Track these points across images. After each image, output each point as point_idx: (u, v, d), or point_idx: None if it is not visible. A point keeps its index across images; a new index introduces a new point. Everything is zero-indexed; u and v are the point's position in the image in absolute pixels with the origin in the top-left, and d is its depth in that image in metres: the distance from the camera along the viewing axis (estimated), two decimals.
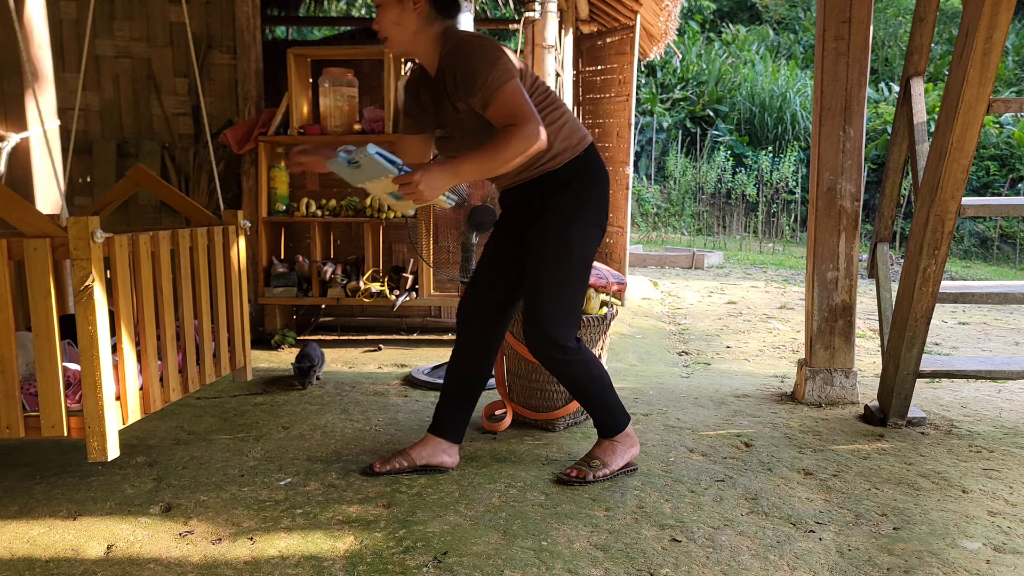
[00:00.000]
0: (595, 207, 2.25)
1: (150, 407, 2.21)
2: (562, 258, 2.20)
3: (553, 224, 2.20)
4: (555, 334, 2.20)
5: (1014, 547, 1.92)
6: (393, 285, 4.25)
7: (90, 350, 1.97)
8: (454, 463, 2.39)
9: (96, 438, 2.01)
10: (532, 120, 2.01)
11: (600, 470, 2.29)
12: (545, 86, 2.23)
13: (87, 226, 1.95)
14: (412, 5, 2.11)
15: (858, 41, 3.01)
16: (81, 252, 1.95)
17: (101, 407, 1.99)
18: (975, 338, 5.24)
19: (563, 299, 2.22)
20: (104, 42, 4.49)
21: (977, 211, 2.70)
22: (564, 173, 2.20)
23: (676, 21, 6.32)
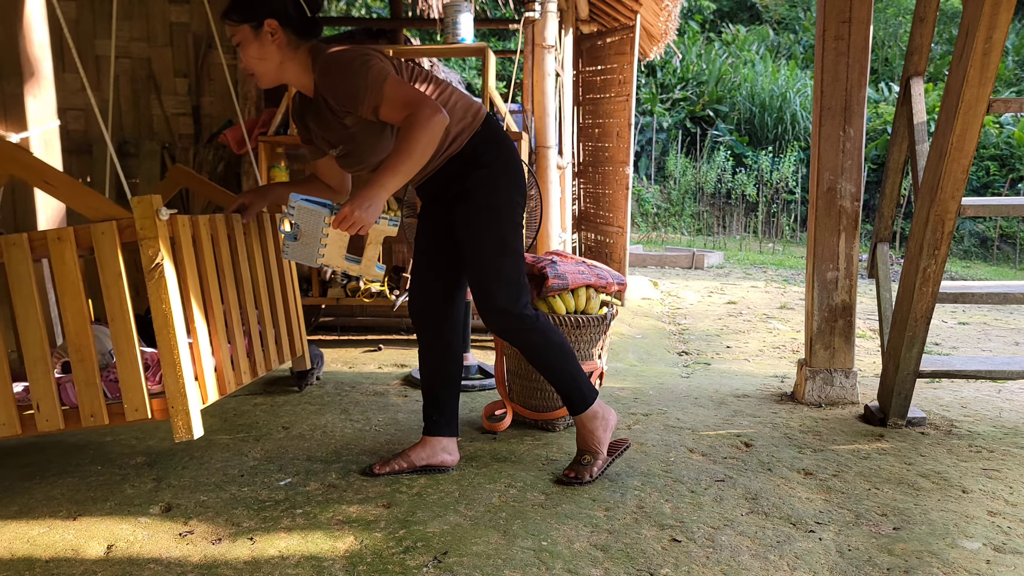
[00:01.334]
0: (509, 175, 2.23)
1: (226, 388, 2.22)
2: (493, 232, 2.19)
3: (474, 203, 2.19)
4: (506, 305, 2.19)
5: (1014, 547, 1.92)
6: (393, 285, 4.25)
7: (166, 329, 1.97)
8: (454, 460, 2.39)
9: (181, 416, 2.00)
10: (426, 102, 1.99)
11: (592, 466, 2.28)
12: (426, 72, 2.18)
13: (151, 204, 1.96)
14: (270, 37, 2.08)
15: (858, 41, 3.01)
16: (148, 231, 1.95)
17: (183, 385, 1.99)
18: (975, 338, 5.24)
19: (504, 270, 2.20)
20: (104, 42, 4.49)
21: (977, 211, 2.70)
22: (468, 152, 2.18)
23: (676, 21, 6.32)
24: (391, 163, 2.02)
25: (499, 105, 4.04)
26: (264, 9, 2.07)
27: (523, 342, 2.27)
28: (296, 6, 2.11)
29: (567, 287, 2.70)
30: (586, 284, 2.77)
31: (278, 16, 2.07)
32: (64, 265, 2.02)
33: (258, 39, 2.09)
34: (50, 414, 2.08)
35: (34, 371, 2.07)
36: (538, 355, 2.28)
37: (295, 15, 2.11)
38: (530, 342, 2.26)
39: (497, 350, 2.86)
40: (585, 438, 2.31)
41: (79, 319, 2.03)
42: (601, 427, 2.31)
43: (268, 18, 2.07)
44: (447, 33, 4.24)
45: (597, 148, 6.57)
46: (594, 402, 2.31)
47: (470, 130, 2.18)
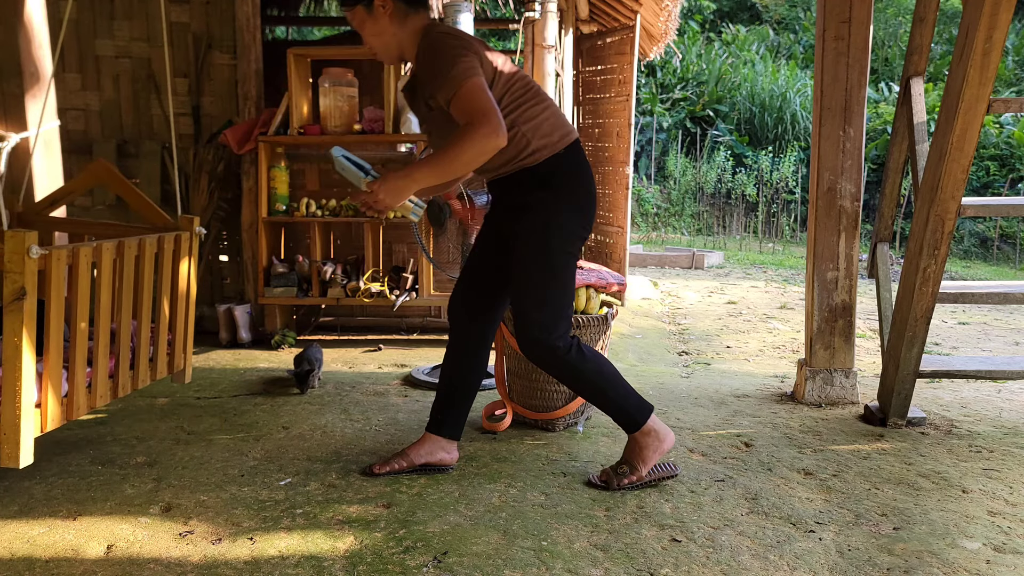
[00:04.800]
0: (575, 208, 2.19)
1: (73, 414, 2.19)
2: (542, 258, 2.16)
3: (531, 224, 2.17)
4: (542, 337, 2.17)
5: (1014, 547, 1.92)
6: (393, 285, 4.25)
7: (14, 360, 1.96)
8: (453, 460, 2.39)
9: (9, 445, 2.00)
10: (487, 120, 1.97)
11: (625, 478, 2.23)
12: (526, 80, 2.19)
13: (23, 242, 1.94)
14: (382, 11, 2.11)
15: (858, 41, 3.01)
16: (15, 266, 1.93)
17: (18, 416, 1.98)
18: (975, 338, 5.24)
19: (546, 301, 2.17)
20: (104, 42, 4.49)
21: (977, 211, 2.70)
22: (542, 170, 2.15)
23: (676, 21, 6.32)
24: (430, 159, 2.04)
25: None
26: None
27: (556, 372, 2.25)
28: None
29: None
30: (586, 284, 2.77)
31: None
32: None
33: (371, 16, 2.13)
34: None
35: None
36: (574, 384, 2.28)
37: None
38: (563, 374, 2.25)
39: (497, 350, 2.86)
40: (631, 450, 2.27)
41: None
42: (652, 446, 2.25)
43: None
44: None
45: (597, 148, 6.57)
46: (647, 421, 2.26)
47: (550, 149, 2.14)
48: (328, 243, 4.49)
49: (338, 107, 4.18)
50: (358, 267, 4.37)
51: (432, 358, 3.88)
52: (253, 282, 4.29)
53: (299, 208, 4.23)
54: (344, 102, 4.19)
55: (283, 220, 4.30)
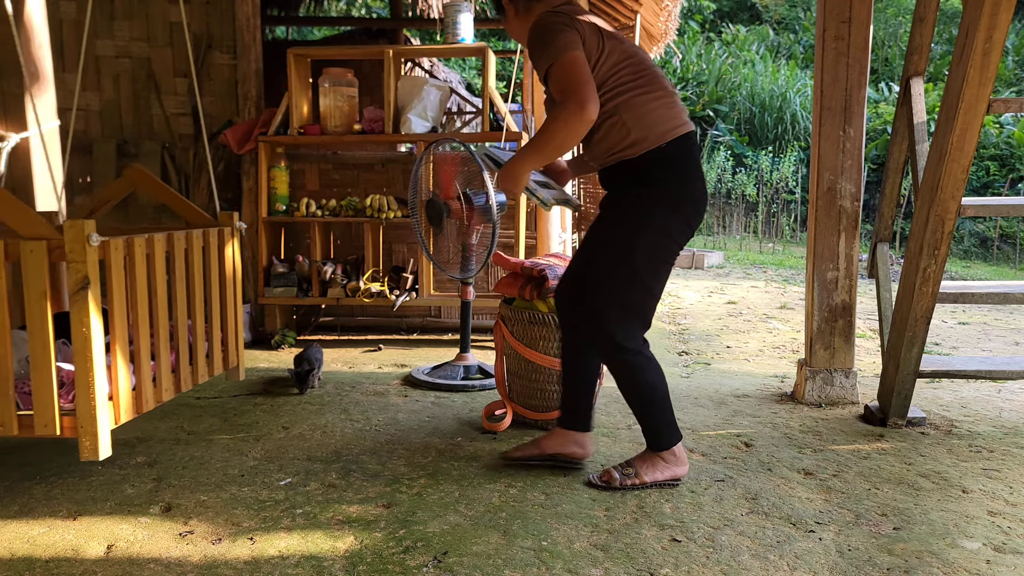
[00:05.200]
0: (672, 205, 2.11)
1: (142, 407, 2.21)
2: (626, 255, 2.11)
3: (619, 216, 2.13)
4: (608, 328, 2.15)
5: (1014, 547, 1.92)
6: (393, 285, 4.25)
7: (84, 351, 1.97)
8: (585, 454, 2.37)
9: (88, 438, 2.01)
10: (575, 95, 1.96)
11: (631, 478, 2.23)
12: (641, 67, 2.12)
13: (83, 230, 1.95)
14: (512, 13, 2.27)
15: (858, 41, 3.01)
16: (77, 255, 1.95)
17: (94, 407, 1.99)
18: (975, 338, 5.24)
19: (617, 296, 2.14)
20: (104, 42, 4.49)
21: (977, 211, 2.70)
22: (638, 164, 2.09)
23: (676, 21, 6.32)
24: (532, 142, 2.09)
25: (499, 105, 4.04)
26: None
27: (613, 370, 2.24)
28: None
29: None
30: None
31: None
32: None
33: (506, 18, 2.31)
34: None
35: None
36: (624, 387, 2.25)
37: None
38: (620, 373, 2.23)
39: (497, 350, 2.86)
40: (644, 460, 2.27)
41: None
42: (664, 468, 2.25)
43: None
44: (447, 33, 4.24)
45: None
46: (669, 448, 2.24)
47: (650, 143, 2.07)
48: (328, 243, 4.49)
49: (338, 107, 4.18)
50: (358, 267, 4.37)
51: (432, 358, 3.88)
52: (253, 282, 4.29)
53: (299, 208, 4.23)
54: (344, 102, 4.19)
55: (283, 220, 4.30)
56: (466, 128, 8.68)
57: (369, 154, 4.62)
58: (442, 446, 2.60)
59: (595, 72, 2.05)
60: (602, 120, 2.10)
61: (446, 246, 3.45)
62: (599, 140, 2.13)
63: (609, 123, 2.09)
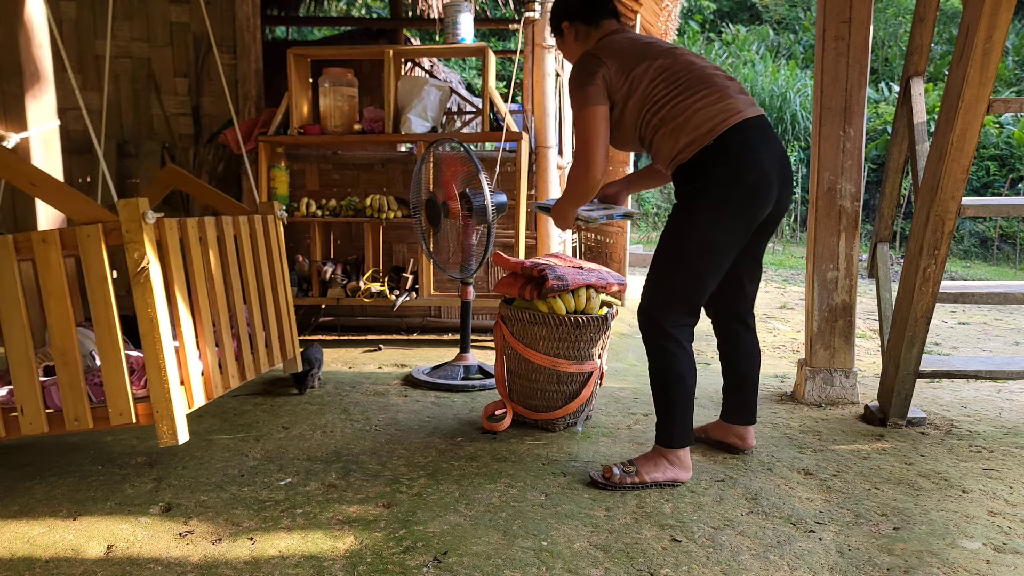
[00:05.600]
0: (724, 193, 2.17)
1: (213, 392, 2.19)
2: (677, 243, 2.24)
3: (676, 210, 2.28)
4: (651, 310, 2.27)
5: (1014, 547, 1.92)
6: (393, 285, 4.25)
7: (151, 333, 1.94)
8: (745, 445, 2.53)
9: (165, 422, 1.98)
10: (583, 157, 2.25)
11: (629, 477, 2.24)
12: (676, 76, 2.24)
13: (137, 207, 1.93)
14: (571, 36, 2.47)
15: (858, 41, 3.01)
16: (134, 234, 1.92)
17: (167, 390, 1.96)
18: (975, 338, 5.24)
19: (664, 282, 2.27)
20: (104, 42, 4.49)
21: (977, 211, 2.70)
22: (692, 164, 2.21)
23: (676, 21, 6.33)
24: (564, 193, 2.41)
25: (499, 105, 4.04)
26: (558, 17, 2.50)
27: (649, 350, 2.30)
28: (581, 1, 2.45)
29: (567, 288, 2.70)
30: (586, 284, 2.77)
31: (567, 16, 2.47)
32: (49, 267, 1.99)
33: (563, 42, 2.51)
34: (34, 417, 2.06)
35: (18, 374, 2.04)
36: (654, 369, 2.30)
37: (577, 7, 2.45)
38: (653, 355, 2.29)
39: (497, 350, 2.86)
40: (648, 458, 2.29)
41: (64, 322, 2.00)
42: (667, 469, 2.27)
43: (563, 21, 2.48)
44: (447, 33, 4.24)
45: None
46: (678, 448, 2.27)
47: (699, 143, 2.17)
48: (328, 243, 4.49)
49: (338, 107, 4.18)
50: (358, 267, 4.37)
51: (432, 358, 3.88)
52: None
53: (299, 208, 4.23)
54: (344, 102, 4.19)
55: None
56: (466, 128, 8.68)
57: (369, 154, 4.62)
58: (442, 446, 2.60)
59: (630, 100, 2.26)
60: (652, 135, 2.27)
61: (446, 246, 3.45)
62: (655, 153, 2.30)
63: (659, 136, 2.24)
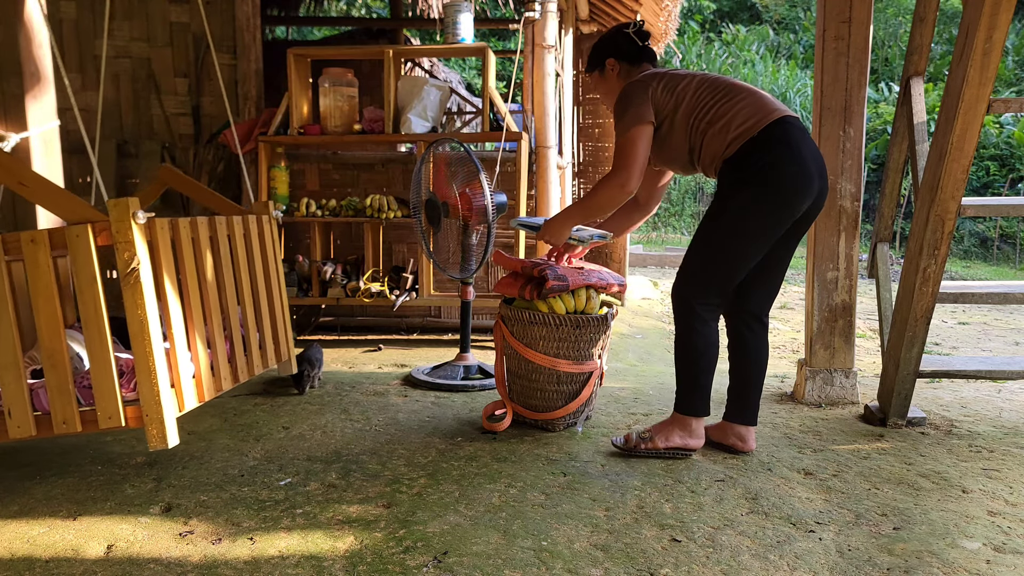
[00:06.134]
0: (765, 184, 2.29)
1: (204, 395, 2.16)
2: (714, 229, 2.38)
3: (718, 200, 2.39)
4: (681, 288, 2.44)
5: (1014, 547, 1.92)
6: (393, 285, 4.25)
7: (141, 335, 1.91)
8: (745, 447, 2.54)
9: (155, 425, 1.96)
10: (624, 171, 2.36)
11: (645, 443, 2.47)
12: (714, 84, 2.39)
13: (128, 207, 1.91)
14: (612, 72, 2.56)
15: (858, 41, 3.01)
16: (124, 234, 1.90)
17: (157, 393, 1.94)
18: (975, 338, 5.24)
19: (697, 266, 2.40)
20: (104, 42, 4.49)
21: (977, 211, 2.70)
22: (738, 158, 2.33)
23: (676, 21, 6.32)
24: (578, 201, 2.50)
25: (499, 105, 4.04)
26: (604, 54, 2.58)
27: (678, 326, 2.48)
28: (628, 40, 2.54)
29: (567, 288, 2.69)
30: (586, 285, 2.77)
31: (614, 54, 2.56)
32: (38, 268, 1.97)
33: (603, 78, 2.59)
34: (22, 420, 2.04)
35: (5, 376, 2.02)
36: (679, 344, 2.48)
37: (627, 48, 2.55)
38: (680, 331, 2.47)
39: (497, 350, 2.86)
40: (664, 423, 2.52)
41: (52, 324, 1.98)
42: (680, 433, 2.48)
43: (608, 59, 2.56)
44: (447, 33, 4.24)
45: (597, 148, 6.58)
46: (694, 417, 2.47)
47: (747, 135, 2.31)
48: (328, 243, 4.49)
49: (338, 107, 4.18)
50: (358, 267, 4.37)
51: (432, 358, 3.88)
52: None
53: (299, 208, 4.23)
54: (344, 102, 4.19)
55: (283, 220, 4.30)
56: (466, 128, 8.68)
57: (369, 154, 4.62)
58: (442, 446, 2.60)
59: (679, 112, 2.39)
60: (701, 138, 2.39)
61: (446, 246, 3.45)
62: (705, 153, 2.40)
63: (709, 136, 2.36)
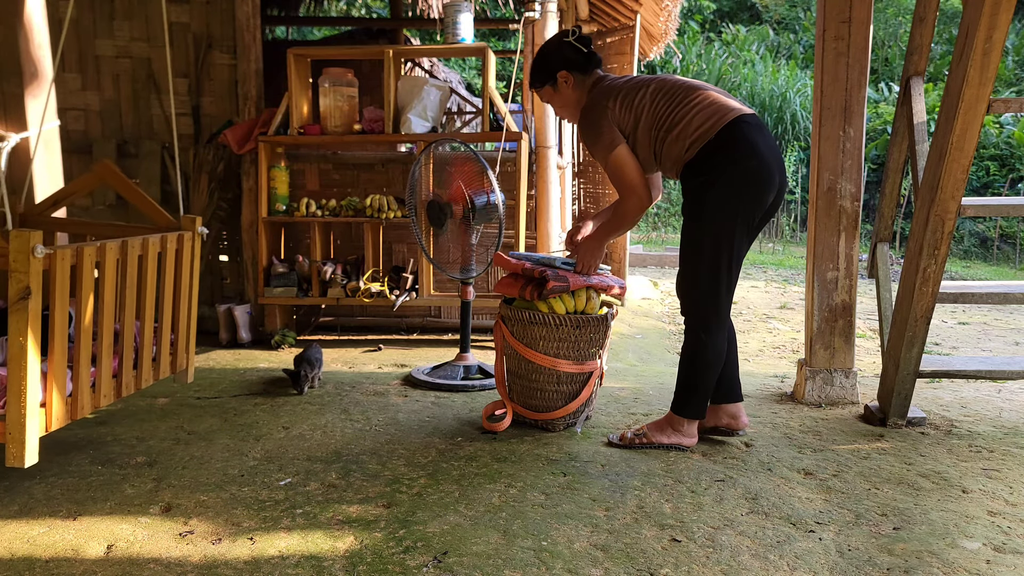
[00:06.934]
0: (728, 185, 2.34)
1: (77, 413, 2.19)
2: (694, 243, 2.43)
3: (689, 210, 2.44)
4: (682, 300, 2.54)
5: (1014, 547, 1.92)
6: (393, 285, 4.25)
7: (19, 359, 1.95)
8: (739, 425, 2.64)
9: (15, 445, 2.00)
10: (633, 191, 2.43)
11: (641, 438, 2.56)
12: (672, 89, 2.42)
13: (28, 241, 1.94)
14: (564, 84, 2.54)
15: (858, 41, 3.01)
16: (20, 265, 1.93)
17: (23, 415, 1.98)
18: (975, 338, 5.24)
19: (697, 283, 2.46)
20: (104, 42, 4.48)
21: (977, 211, 2.70)
22: (698, 161, 2.37)
23: (676, 21, 6.33)
24: (605, 227, 2.61)
25: (499, 105, 4.04)
26: (555, 67, 2.54)
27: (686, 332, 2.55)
28: (573, 50, 2.52)
29: (567, 289, 2.69)
30: (587, 285, 2.77)
31: (565, 67, 2.53)
32: None
33: (558, 92, 2.57)
34: None
35: None
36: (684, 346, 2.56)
37: (575, 57, 2.53)
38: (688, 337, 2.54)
39: (497, 350, 2.86)
40: (658, 423, 2.60)
41: None
42: (670, 433, 2.56)
43: (559, 71, 2.54)
44: (447, 33, 4.24)
45: None
46: (686, 418, 2.54)
47: (704, 138, 2.35)
48: (328, 243, 4.49)
49: (338, 107, 4.18)
50: (358, 267, 4.37)
51: (432, 358, 3.88)
52: (253, 282, 4.29)
53: (299, 208, 4.23)
54: (344, 102, 4.19)
55: (283, 220, 4.30)
56: (466, 128, 8.68)
57: (369, 154, 4.62)
58: (442, 446, 2.60)
59: (640, 126, 2.43)
60: (662, 145, 2.43)
61: (447, 246, 3.45)
62: (665, 159, 2.45)
63: (668, 142, 2.40)
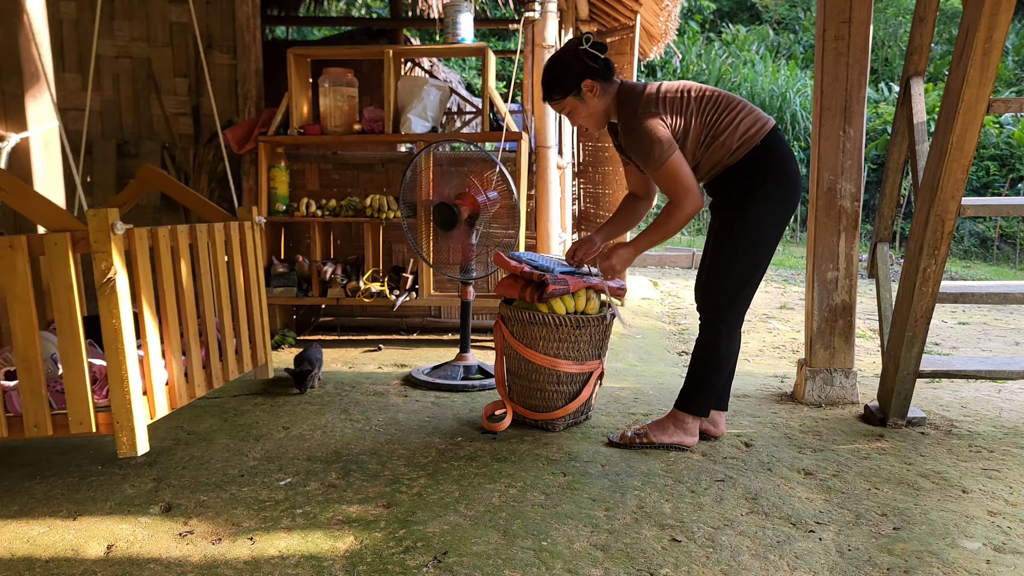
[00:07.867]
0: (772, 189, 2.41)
1: (177, 402, 2.19)
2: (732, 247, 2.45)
3: (731, 212, 2.46)
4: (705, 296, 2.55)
5: (1014, 547, 1.92)
6: (393, 285, 4.25)
7: (115, 344, 1.94)
8: (718, 431, 2.69)
9: (125, 433, 1.98)
10: (687, 196, 2.37)
11: (641, 438, 2.58)
12: (715, 98, 2.43)
13: (107, 218, 1.93)
14: (589, 93, 2.44)
15: (858, 41, 3.01)
16: (102, 244, 1.92)
17: (129, 401, 1.96)
18: (975, 338, 5.24)
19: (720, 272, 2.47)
20: (104, 42, 4.49)
21: (977, 211, 2.69)
22: (740, 165, 2.41)
23: (676, 21, 6.33)
24: (648, 233, 2.46)
25: (499, 105, 4.04)
26: (578, 76, 2.42)
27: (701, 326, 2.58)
28: (592, 57, 2.43)
29: (567, 291, 2.69)
30: (586, 286, 2.77)
31: (589, 75, 2.42)
32: (15, 273, 1.99)
33: (581, 100, 2.46)
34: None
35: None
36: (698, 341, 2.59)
37: (596, 65, 2.43)
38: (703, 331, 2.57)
39: (497, 350, 2.86)
40: (659, 422, 2.62)
41: (27, 328, 2.00)
42: (671, 431, 2.58)
43: (584, 80, 2.42)
44: (447, 33, 4.24)
45: (597, 148, 6.57)
46: (691, 415, 2.58)
47: (749, 145, 2.40)
48: (328, 243, 4.49)
49: (338, 107, 4.18)
50: (358, 267, 4.37)
51: (432, 358, 3.88)
52: None
53: (299, 208, 4.23)
54: (344, 102, 4.19)
55: (283, 220, 4.30)
56: (466, 128, 8.68)
57: (369, 154, 4.62)
58: (442, 446, 2.60)
59: (690, 133, 2.41)
60: (707, 146, 2.43)
61: (447, 247, 3.45)
62: (706, 161, 2.44)
63: (714, 146, 2.41)
